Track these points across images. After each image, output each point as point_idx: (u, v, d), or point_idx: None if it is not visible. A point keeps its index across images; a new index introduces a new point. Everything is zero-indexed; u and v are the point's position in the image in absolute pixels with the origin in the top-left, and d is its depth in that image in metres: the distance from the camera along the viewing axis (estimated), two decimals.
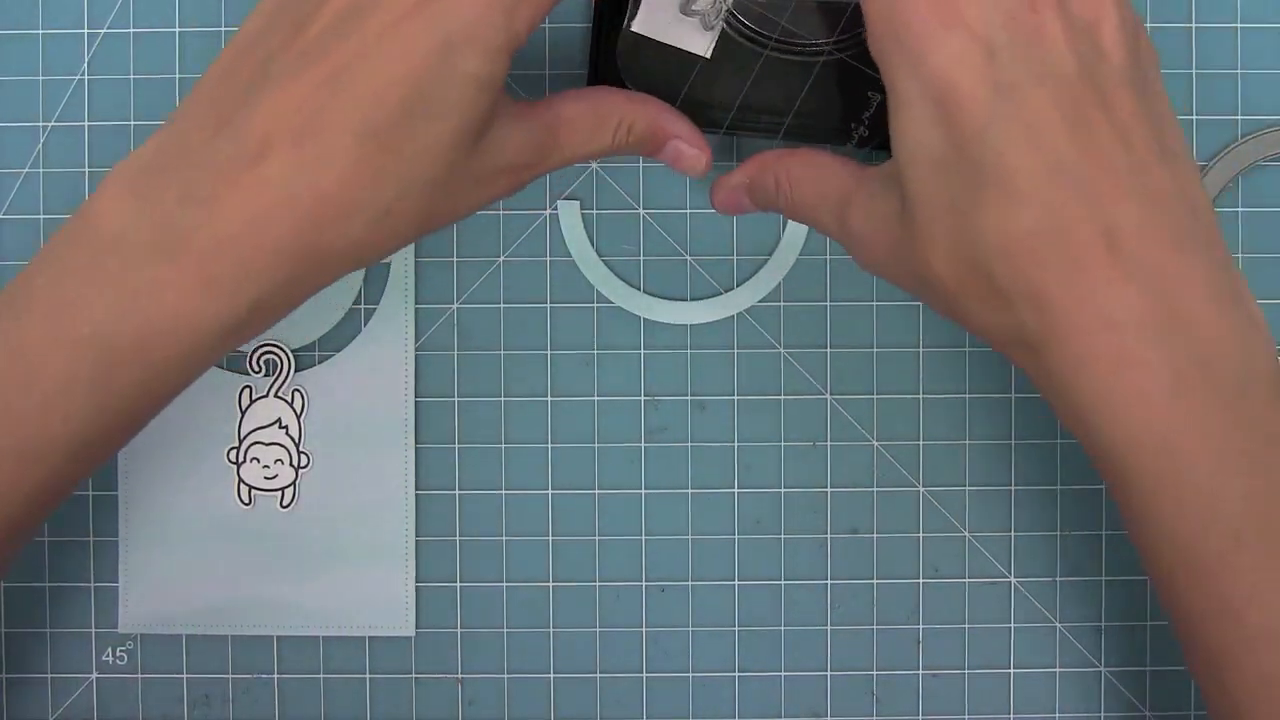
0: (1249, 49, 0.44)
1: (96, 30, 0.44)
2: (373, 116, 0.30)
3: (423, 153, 0.31)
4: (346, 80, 0.30)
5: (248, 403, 0.44)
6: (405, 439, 0.44)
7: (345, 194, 0.31)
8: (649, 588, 0.44)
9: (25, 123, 0.44)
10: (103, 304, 0.31)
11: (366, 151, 0.30)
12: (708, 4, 0.36)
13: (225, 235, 0.30)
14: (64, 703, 0.44)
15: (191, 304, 0.31)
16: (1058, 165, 0.30)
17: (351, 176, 0.31)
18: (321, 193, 0.31)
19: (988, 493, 0.44)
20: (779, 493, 0.44)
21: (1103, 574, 0.44)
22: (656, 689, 0.44)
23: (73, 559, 0.44)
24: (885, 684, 0.44)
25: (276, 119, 0.30)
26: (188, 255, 0.30)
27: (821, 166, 0.36)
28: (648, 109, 0.37)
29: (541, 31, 0.44)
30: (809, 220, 0.37)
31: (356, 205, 0.31)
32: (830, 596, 0.44)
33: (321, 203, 0.31)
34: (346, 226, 0.31)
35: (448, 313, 0.44)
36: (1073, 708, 0.44)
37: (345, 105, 0.30)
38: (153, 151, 0.32)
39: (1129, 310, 0.29)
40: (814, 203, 0.36)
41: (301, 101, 0.30)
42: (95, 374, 0.31)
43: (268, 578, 0.43)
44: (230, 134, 0.31)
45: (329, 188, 0.31)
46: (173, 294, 0.31)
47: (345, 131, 0.30)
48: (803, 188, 0.36)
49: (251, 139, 0.31)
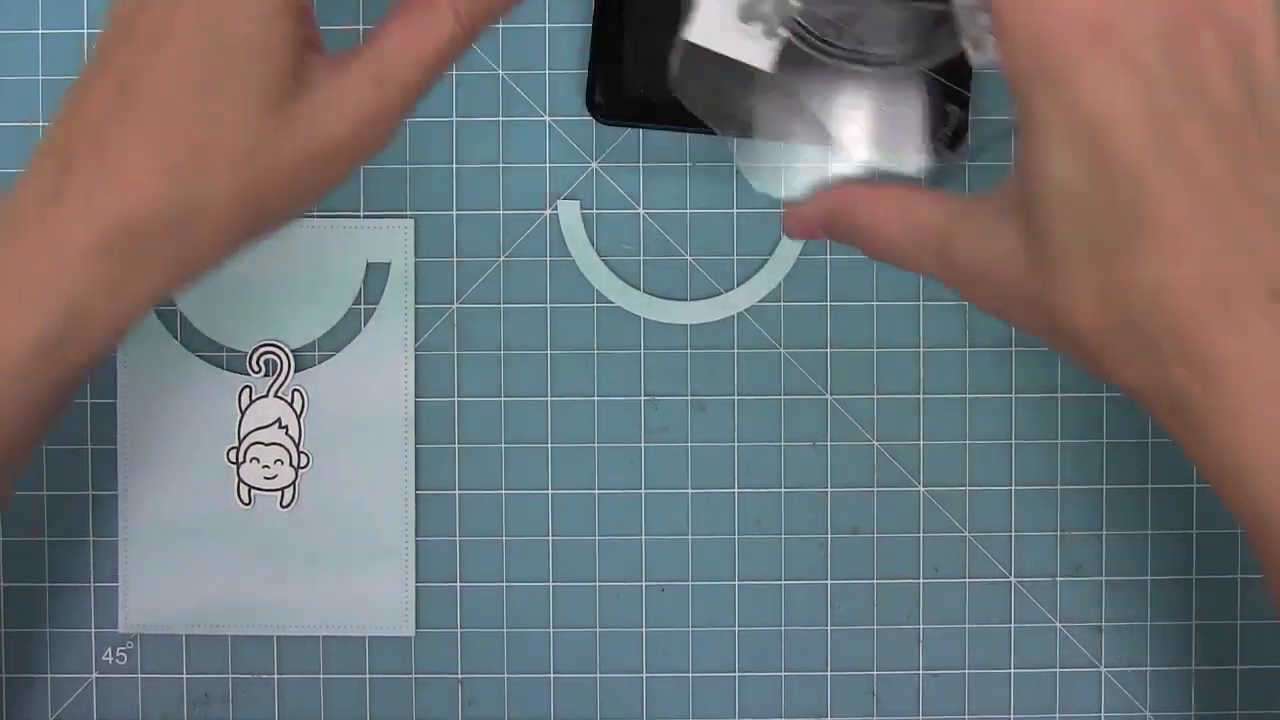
0: None
1: (96, 30, 0.44)
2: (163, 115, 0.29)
3: (212, 124, 0.29)
4: (134, 88, 0.30)
5: (247, 403, 0.44)
6: (405, 439, 0.44)
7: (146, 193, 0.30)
8: (649, 588, 0.44)
9: (25, 123, 0.44)
10: None
11: (161, 141, 0.29)
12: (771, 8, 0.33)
13: (36, 245, 0.30)
14: (64, 703, 0.44)
15: (5, 314, 0.30)
16: (1219, 210, 0.27)
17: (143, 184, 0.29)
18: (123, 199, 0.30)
19: (988, 493, 0.44)
20: (779, 493, 0.44)
21: (1103, 574, 0.44)
22: (656, 689, 0.44)
23: (73, 559, 0.44)
24: (885, 684, 0.44)
25: (73, 131, 0.30)
26: (3, 268, 0.30)
27: (911, 202, 0.33)
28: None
29: (541, 31, 0.44)
30: (900, 261, 0.34)
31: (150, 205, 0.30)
32: (830, 596, 0.44)
33: (125, 211, 0.30)
34: (146, 228, 0.30)
35: (448, 313, 0.44)
36: (1073, 708, 0.44)
37: (134, 113, 0.30)
38: None
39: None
40: (906, 242, 0.33)
41: (94, 113, 0.30)
42: None
43: (268, 578, 0.43)
44: (46, 151, 0.31)
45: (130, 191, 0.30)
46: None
47: (140, 121, 0.30)
48: (891, 226, 0.33)
49: (58, 150, 0.30)
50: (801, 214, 0.35)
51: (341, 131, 0.31)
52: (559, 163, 0.44)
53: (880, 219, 0.33)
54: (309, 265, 0.44)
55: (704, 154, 0.44)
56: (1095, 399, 0.44)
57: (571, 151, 0.44)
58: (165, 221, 0.30)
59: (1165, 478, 0.44)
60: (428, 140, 0.44)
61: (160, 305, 0.30)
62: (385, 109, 0.31)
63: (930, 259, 0.33)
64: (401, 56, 0.31)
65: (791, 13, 0.33)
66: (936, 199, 0.33)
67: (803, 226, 0.36)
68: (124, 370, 0.44)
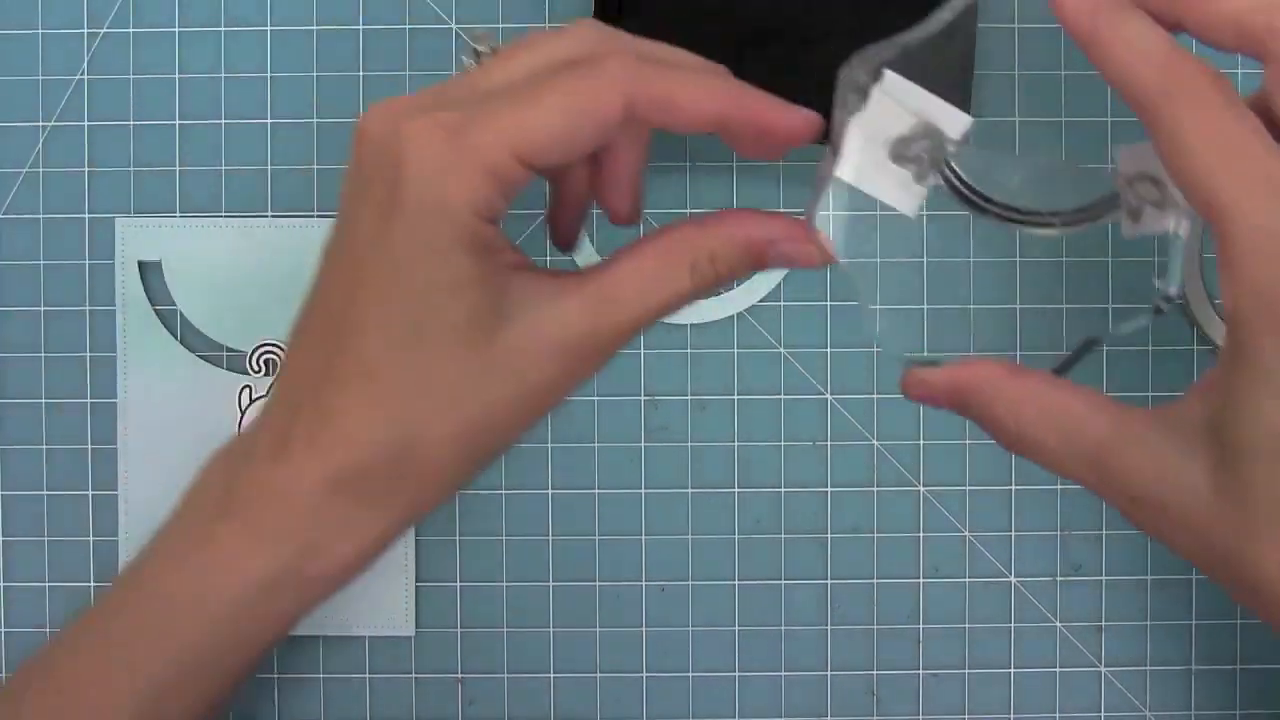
0: None
1: (96, 30, 0.44)
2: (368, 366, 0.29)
3: (421, 369, 0.29)
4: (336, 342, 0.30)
5: (247, 402, 0.44)
6: None
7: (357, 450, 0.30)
8: (649, 588, 0.44)
9: (25, 123, 0.44)
10: (161, 558, 0.32)
11: (374, 388, 0.29)
12: (925, 150, 0.30)
13: (270, 490, 0.31)
14: None
15: (238, 554, 0.31)
16: None
17: (362, 431, 0.30)
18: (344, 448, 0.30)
19: (988, 493, 0.44)
20: (779, 493, 0.44)
21: (1103, 574, 0.44)
22: (656, 689, 0.44)
23: (73, 558, 0.44)
24: (885, 684, 0.44)
25: (293, 384, 0.31)
26: (238, 509, 0.31)
27: (1062, 402, 0.30)
28: (726, 228, 0.30)
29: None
30: (1043, 461, 0.31)
31: (371, 447, 0.30)
32: (830, 596, 0.44)
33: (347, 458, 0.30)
34: (370, 469, 0.30)
35: None
36: (1073, 708, 0.44)
37: (341, 368, 0.30)
38: (246, 426, 0.33)
39: None
40: (1055, 445, 0.30)
41: (310, 364, 0.30)
42: (159, 626, 0.31)
43: None
44: (279, 396, 0.31)
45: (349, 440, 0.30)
46: (224, 545, 0.31)
47: (351, 372, 0.30)
48: (1035, 424, 0.30)
49: (287, 398, 0.31)
50: (927, 381, 0.32)
51: (551, 368, 0.30)
52: None
53: (1024, 415, 0.30)
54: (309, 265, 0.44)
55: (704, 154, 0.44)
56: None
57: None
58: (385, 467, 0.30)
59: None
60: None
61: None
62: (598, 349, 0.30)
63: (1084, 469, 0.30)
64: (627, 302, 0.30)
65: (946, 158, 0.31)
66: (1093, 401, 0.30)
67: (925, 393, 0.32)
68: (124, 370, 0.44)
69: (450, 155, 0.28)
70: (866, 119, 0.29)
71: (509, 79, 0.29)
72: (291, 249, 0.44)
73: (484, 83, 0.29)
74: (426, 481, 0.30)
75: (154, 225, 0.44)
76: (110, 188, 0.44)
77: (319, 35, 0.44)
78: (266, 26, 0.44)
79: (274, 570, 0.30)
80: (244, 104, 0.44)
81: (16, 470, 0.44)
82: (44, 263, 0.44)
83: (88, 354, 0.44)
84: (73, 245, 0.44)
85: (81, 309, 0.44)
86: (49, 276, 0.44)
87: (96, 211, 0.44)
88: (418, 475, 0.30)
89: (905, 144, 0.30)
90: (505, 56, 0.30)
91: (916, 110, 0.29)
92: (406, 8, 0.44)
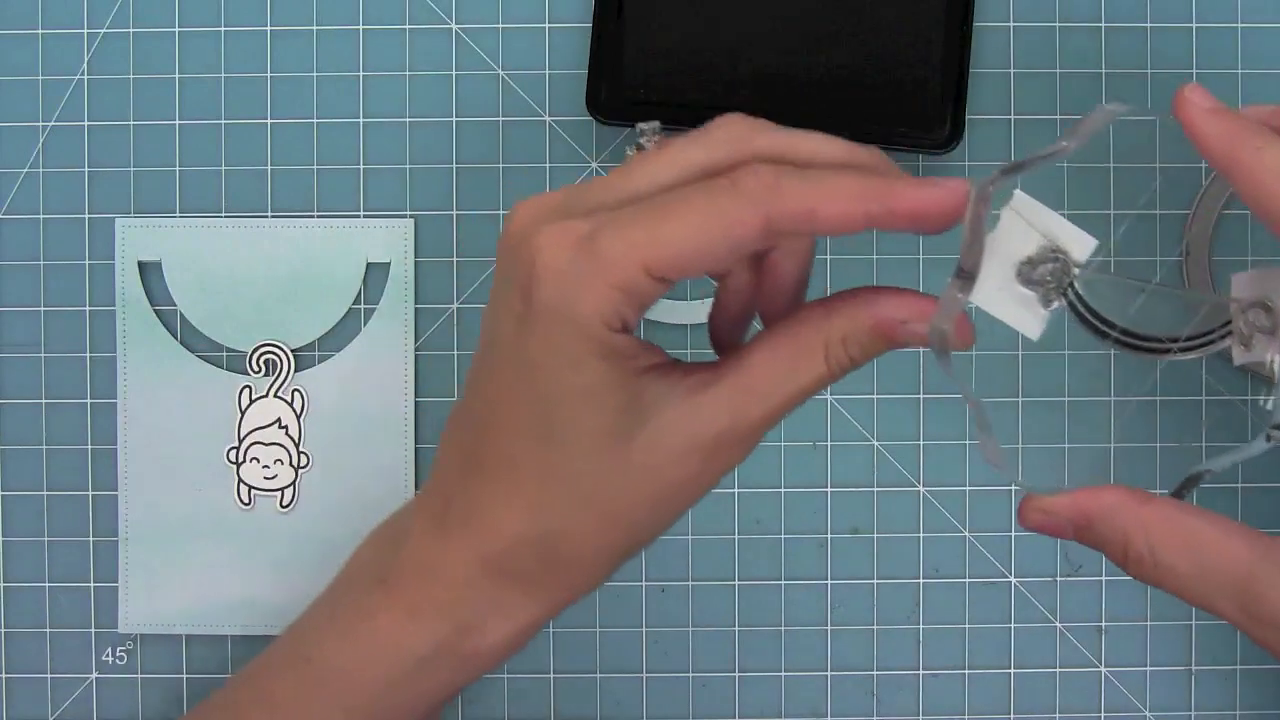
0: (1249, 49, 0.43)
1: (96, 30, 0.44)
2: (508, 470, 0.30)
3: (560, 468, 0.29)
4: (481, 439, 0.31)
5: (247, 403, 0.44)
6: (405, 439, 0.44)
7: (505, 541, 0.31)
8: (649, 588, 0.44)
9: (25, 123, 0.44)
10: (323, 628, 0.34)
11: (517, 481, 0.30)
12: (1050, 274, 0.29)
13: (426, 569, 0.32)
14: (64, 703, 0.44)
15: (397, 630, 0.32)
16: None
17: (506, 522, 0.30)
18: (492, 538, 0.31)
19: (988, 493, 0.44)
20: (779, 493, 0.44)
21: (1103, 574, 0.44)
22: (656, 689, 0.44)
23: (73, 559, 0.44)
24: (885, 684, 0.44)
25: (444, 476, 0.32)
26: (396, 586, 0.32)
27: (1197, 527, 0.29)
28: (853, 309, 0.30)
29: (541, 31, 0.44)
30: (1174, 587, 0.29)
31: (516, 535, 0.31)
32: (830, 596, 0.44)
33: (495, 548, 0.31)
34: (518, 555, 0.31)
35: (448, 313, 0.44)
36: (1073, 708, 0.44)
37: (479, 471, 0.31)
38: (404, 507, 0.34)
39: None
40: (1192, 578, 0.29)
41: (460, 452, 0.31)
42: (321, 693, 0.33)
43: (268, 578, 0.43)
44: (432, 466, 0.33)
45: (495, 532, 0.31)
46: (383, 621, 0.32)
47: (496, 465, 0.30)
48: (1172, 555, 0.29)
49: (445, 478, 0.32)
50: (1048, 508, 0.31)
51: (691, 466, 0.30)
52: (559, 163, 0.44)
53: (1158, 541, 0.29)
54: (309, 265, 0.44)
55: None
56: (1100, 402, 0.44)
57: (571, 151, 0.44)
58: (533, 554, 0.31)
59: (1165, 478, 0.44)
60: (428, 140, 0.44)
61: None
62: (738, 442, 0.30)
63: (1226, 603, 0.29)
64: (764, 394, 0.30)
65: (1072, 283, 0.30)
66: (1233, 532, 0.29)
67: (1045, 521, 0.31)
68: (124, 370, 0.44)
69: (580, 267, 0.27)
70: (996, 238, 0.29)
71: (647, 185, 0.29)
72: (291, 249, 0.44)
73: (623, 187, 0.29)
74: (572, 571, 0.31)
75: (154, 225, 0.44)
76: (110, 188, 0.44)
77: (319, 35, 0.44)
78: (266, 26, 0.44)
79: (431, 646, 0.32)
80: (244, 104, 0.44)
81: (16, 470, 0.44)
82: (44, 263, 0.44)
83: (88, 354, 0.44)
84: (73, 245, 0.44)
85: (81, 309, 0.44)
86: (49, 276, 0.44)
87: (96, 211, 0.44)
88: (564, 565, 0.31)
89: (1032, 266, 0.29)
90: (646, 159, 0.29)
91: (1045, 231, 0.29)
92: (406, 8, 0.44)
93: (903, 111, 0.42)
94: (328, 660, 0.33)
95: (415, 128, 0.44)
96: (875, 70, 0.42)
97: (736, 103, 0.42)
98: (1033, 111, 0.44)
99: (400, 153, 0.44)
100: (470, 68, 0.44)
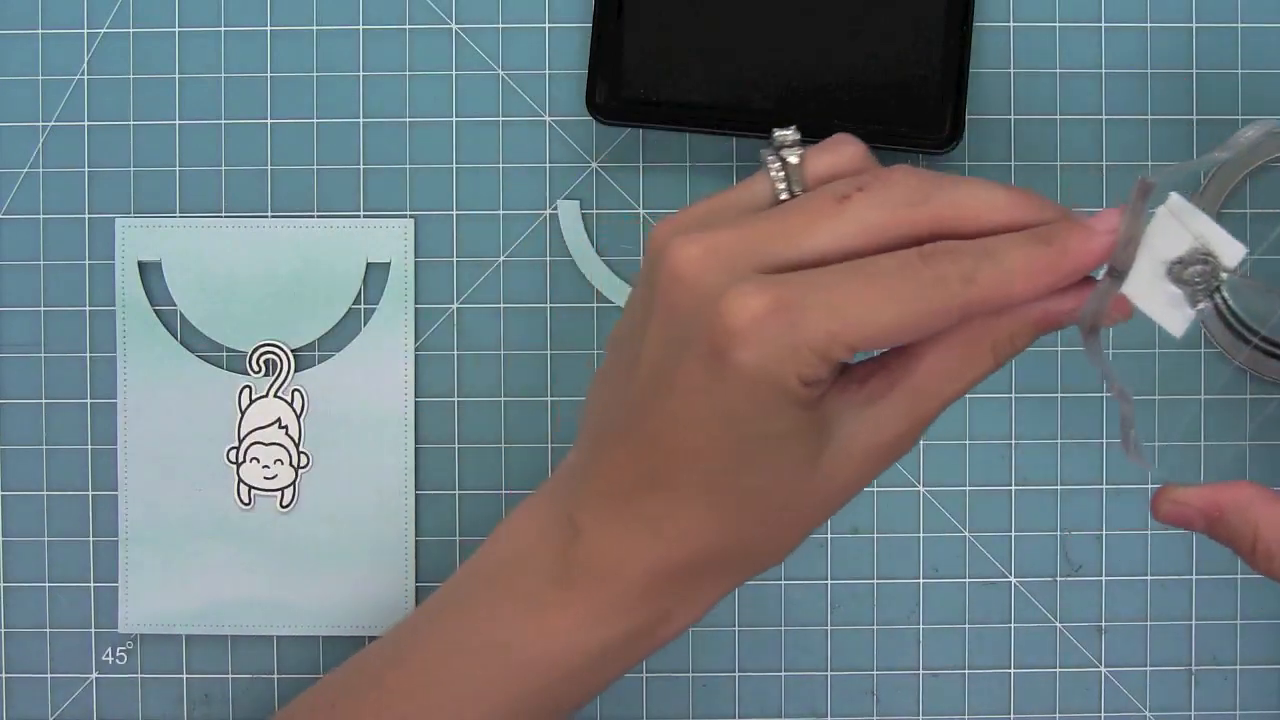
0: (1249, 49, 0.43)
1: (96, 30, 0.44)
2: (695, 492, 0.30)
3: (749, 494, 0.30)
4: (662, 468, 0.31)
5: (247, 403, 0.44)
6: (405, 439, 0.44)
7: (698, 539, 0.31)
8: None
9: (25, 123, 0.44)
10: (487, 615, 0.33)
11: (712, 499, 0.31)
12: (1199, 273, 0.30)
13: (608, 573, 0.32)
14: (64, 703, 0.44)
15: (576, 630, 0.32)
16: None
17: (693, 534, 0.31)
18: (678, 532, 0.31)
19: (988, 493, 0.44)
20: None
21: (1103, 574, 0.44)
22: (656, 689, 0.44)
23: (73, 559, 0.44)
24: (885, 684, 0.44)
25: (625, 465, 0.31)
26: (575, 585, 0.32)
27: None
28: (1018, 312, 0.30)
29: (541, 31, 0.44)
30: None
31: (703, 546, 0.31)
32: (830, 596, 0.44)
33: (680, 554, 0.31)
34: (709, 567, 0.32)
35: (448, 313, 0.44)
36: (1073, 708, 0.44)
37: (665, 488, 0.31)
38: (553, 479, 0.34)
39: None
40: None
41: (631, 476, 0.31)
42: (488, 679, 0.33)
43: (268, 578, 0.43)
44: (591, 466, 0.32)
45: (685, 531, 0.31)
46: (560, 620, 0.32)
47: (687, 484, 0.30)
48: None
49: (605, 479, 0.32)
50: (1182, 499, 0.32)
51: (869, 469, 0.31)
52: (559, 163, 0.44)
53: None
54: (309, 265, 0.44)
55: (704, 154, 0.44)
56: (1095, 399, 0.44)
57: (571, 151, 0.44)
58: (722, 561, 0.32)
59: (1166, 478, 0.44)
60: (428, 140, 0.44)
61: None
62: (911, 440, 0.31)
63: None
64: (935, 393, 0.30)
65: (1220, 285, 0.30)
66: None
67: (1177, 513, 0.32)
68: (124, 370, 0.44)
69: (783, 339, 0.28)
70: (1149, 236, 0.30)
71: (834, 248, 0.29)
72: (291, 249, 0.44)
73: (803, 243, 0.29)
74: (760, 564, 0.33)
75: (154, 225, 0.44)
76: (110, 188, 0.44)
77: (319, 35, 0.44)
78: (266, 26, 0.44)
79: (608, 645, 0.32)
80: (244, 104, 0.44)
81: (16, 470, 0.44)
82: (44, 263, 0.44)
83: (88, 354, 0.44)
84: (73, 245, 0.44)
85: (81, 309, 0.44)
86: (49, 276, 0.44)
87: (96, 211, 0.44)
88: (752, 562, 0.32)
89: (1183, 266, 0.30)
90: (824, 210, 0.29)
91: (1197, 234, 0.30)
92: (406, 8, 0.44)
93: (903, 111, 0.42)
94: (517, 649, 0.33)
95: (415, 128, 0.44)
96: (875, 70, 0.42)
97: (737, 103, 0.42)
98: (1033, 111, 0.44)
99: (400, 153, 0.44)
100: (470, 68, 0.44)
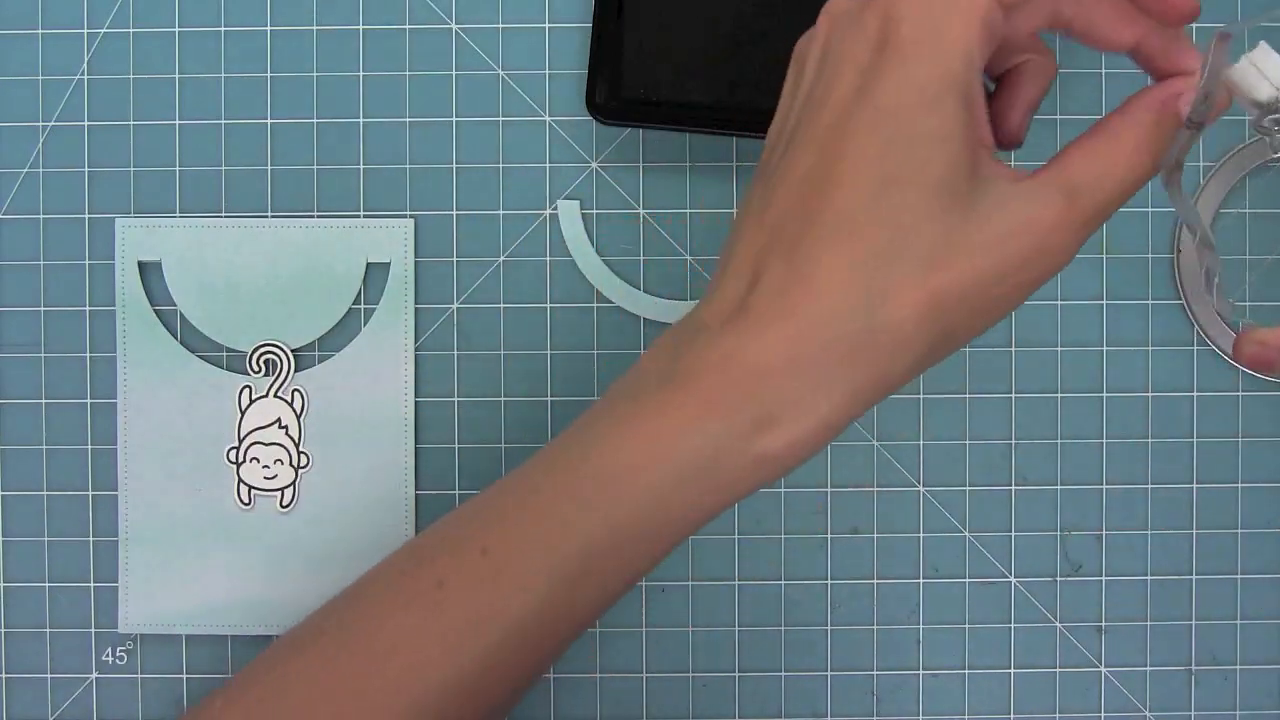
0: None
1: (96, 30, 0.44)
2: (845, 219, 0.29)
3: (901, 226, 0.29)
4: (816, 198, 0.29)
5: (247, 403, 0.44)
6: (405, 439, 0.44)
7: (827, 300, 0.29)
8: (649, 588, 0.44)
9: (25, 123, 0.44)
10: (604, 428, 0.31)
11: (854, 245, 0.29)
12: (1276, 121, 0.31)
13: (725, 356, 0.30)
14: (64, 703, 0.44)
15: (687, 422, 0.30)
16: None
17: (835, 288, 0.29)
18: (804, 302, 0.29)
19: (988, 493, 0.44)
20: (779, 493, 0.44)
21: (1103, 574, 0.44)
22: (656, 689, 0.44)
23: (73, 559, 0.44)
24: (885, 684, 0.44)
25: (760, 244, 0.30)
26: (688, 379, 0.30)
27: None
28: (1154, 97, 0.31)
29: (541, 31, 0.44)
30: None
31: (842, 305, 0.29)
32: (830, 596, 0.44)
33: (811, 327, 0.29)
34: (837, 330, 0.29)
35: (448, 313, 0.44)
36: (1073, 708, 0.44)
37: (817, 223, 0.29)
38: (682, 323, 0.32)
39: None
40: None
41: (779, 227, 0.30)
42: (593, 494, 0.31)
43: (268, 578, 0.43)
44: (731, 269, 0.31)
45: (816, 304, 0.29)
46: (672, 414, 0.30)
47: (822, 251, 0.29)
48: None
49: (743, 269, 0.31)
50: (1266, 339, 0.31)
51: (1027, 247, 0.29)
52: (559, 163, 0.44)
53: None
54: (309, 265, 0.44)
55: (704, 154, 0.44)
56: (1095, 399, 0.44)
57: (571, 151, 0.44)
58: (853, 328, 0.29)
59: (1165, 478, 0.44)
60: (428, 140, 0.44)
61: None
62: (1070, 221, 0.30)
63: None
64: (1095, 178, 0.30)
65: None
66: None
67: (1262, 354, 0.31)
68: (124, 370, 0.44)
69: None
70: (1232, 79, 0.31)
71: None
72: (291, 249, 0.44)
73: None
74: (893, 350, 0.29)
75: (154, 225, 0.44)
76: (110, 188, 0.44)
77: (319, 35, 0.44)
78: (266, 26, 0.44)
79: (722, 441, 0.30)
80: (244, 104, 0.44)
81: (16, 470, 0.44)
82: (44, 263, 0.44)
83: (88, 354, 0.44)
84: (73, 245, 0.44)
85: (81, 309, 0.44)
86: (49, 276, 0.44)
87: (96, 211, 0.44)
88: (885, 343, 0.29)
89: (1263, 111, 0.31)
90: None
91: (1278, 85, 0.30)
92: (406, 8, 0.44)
93: None
94: (607, 459, 0.31)
95: (415, 128, 0.44)
96: None
97: (737, 102, 0.42)
98: None
99: (400, 153, 0.44)
100: (470, 68, 0.44)
